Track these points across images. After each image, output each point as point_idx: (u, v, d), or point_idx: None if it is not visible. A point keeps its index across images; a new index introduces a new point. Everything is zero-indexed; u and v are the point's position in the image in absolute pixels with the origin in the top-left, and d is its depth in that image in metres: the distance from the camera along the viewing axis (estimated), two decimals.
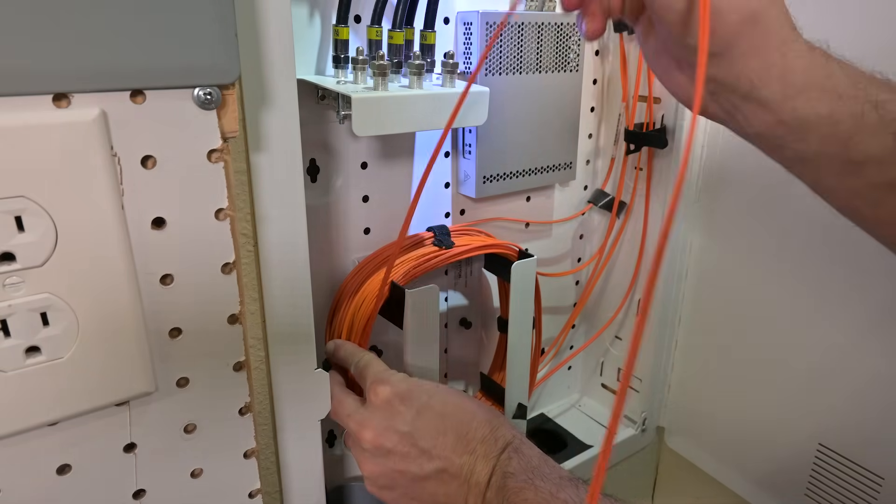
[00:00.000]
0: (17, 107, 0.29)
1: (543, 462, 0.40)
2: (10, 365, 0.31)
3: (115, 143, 0.32)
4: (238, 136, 0.36)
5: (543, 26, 0.60)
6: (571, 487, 0.38)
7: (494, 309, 0.68)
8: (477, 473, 0.40)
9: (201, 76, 0.33)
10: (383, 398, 0.43)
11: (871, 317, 0.56)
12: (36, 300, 0.31)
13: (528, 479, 0.39)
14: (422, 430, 0.42)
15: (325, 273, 0.56)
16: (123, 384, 0.35)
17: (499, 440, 0.41)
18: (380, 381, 0.44)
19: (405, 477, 0.41)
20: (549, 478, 0.39)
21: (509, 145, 0.62)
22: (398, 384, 0.44)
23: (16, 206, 0.29)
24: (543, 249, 0.74)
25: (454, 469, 0.41)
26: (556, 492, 0.38)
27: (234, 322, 0.39)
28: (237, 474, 0.43)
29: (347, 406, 0.45)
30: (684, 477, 0.80)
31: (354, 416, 0.44)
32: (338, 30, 0.48)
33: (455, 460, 0.41)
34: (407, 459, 0.41)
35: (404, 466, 0.41)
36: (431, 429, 0.42)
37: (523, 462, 0.40)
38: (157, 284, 0.35)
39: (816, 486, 0.64)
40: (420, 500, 0.42)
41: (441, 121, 0.50)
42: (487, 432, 0.42)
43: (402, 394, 0.43)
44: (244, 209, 0.37)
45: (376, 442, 0.42)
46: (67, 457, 0.35)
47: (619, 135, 0.71)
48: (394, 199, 0.58)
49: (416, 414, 0.42)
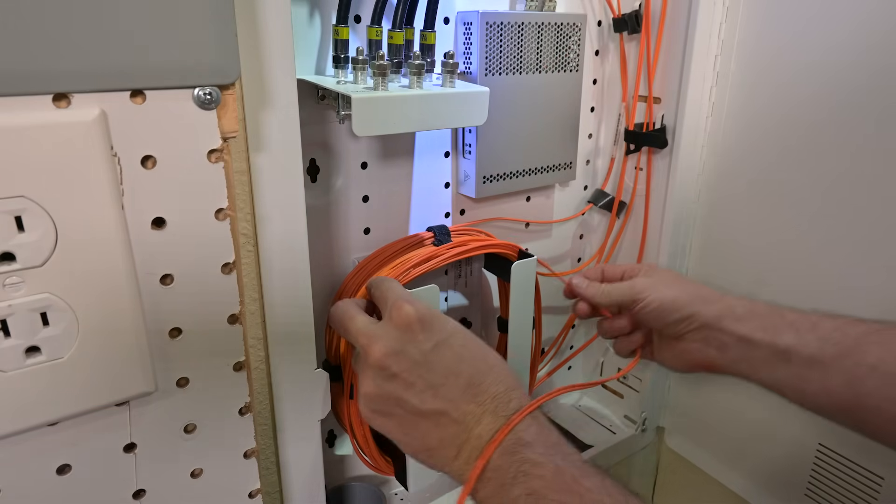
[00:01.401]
0: (17, 107, 0.29)
1: (563, 441, 0.37)
2: (11, 365, 0.31)
3: (115, 143, 0.32)
4: (238, 136, 0.36)
5: (543, 26, 0.60)
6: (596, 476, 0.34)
7: (494, 309, 0.68)
8: (482, 426, 0.37)
9: (201, 76, 0.33)
10: (404, 318, 0.39)
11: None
12: (36, 300, 0.31)
13: (546, 453, 0.35)
14: (435, 363, 0.38)
15: (325, 273, 0.56)
16: (123, 384, 0.35)
17: (512, 401, 0.38)
18: (405, 300, 0.40)
19: (403, 407, 0.38)
20: (570, 458, 0.35)
21: (509, 145, 0.62)
22: (423, 308, 0.40)
23: (16, 206, 0.29)
24: (543, 249, 0.74)
25: (457, 414, 0.37)
26: (580, 477, 0.34)
27: (234, 322, 0.39)
28: (237, 474, 0.43)
29: (359, 322, 0.41)
30: (684, 477, 0.80)
31: (365, 331, 0.40)
32: (338, 30, 0.48)
33: (461, 406, 0.38)
34: (410, 390, 0.38)
35: (405, 396, 0.38)
36: (444, 367, 0.39)
37: (543, 434, 0.36)
38: (157, 284, 0.35)
39: (816, 486, 0.64)
40: (410, 436, 0.39)
41: (441, 121, 0.50)
42: (501, 390, 0.38)
43: (424, 319, 0.39)
44: (244, 209, 0.37)
45: (384, 362, 0.38)
46: (67, 457, 0.35)
47: (619, 135, 0.71)
48: (394, 199, 0.58)
49: (433, 346, 0.39)
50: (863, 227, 0.55)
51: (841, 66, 0.54)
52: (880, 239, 0.54)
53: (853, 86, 0.54)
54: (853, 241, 0.56)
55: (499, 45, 0.57)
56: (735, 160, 0.65)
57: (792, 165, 0.60)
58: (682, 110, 0.63)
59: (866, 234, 0.55)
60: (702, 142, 0.66)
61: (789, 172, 0.60)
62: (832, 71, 0.55)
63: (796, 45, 0.57)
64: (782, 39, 0.58)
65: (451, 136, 0.61)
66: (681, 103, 0.63)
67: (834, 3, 0.54)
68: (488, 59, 0.56)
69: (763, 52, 0.60)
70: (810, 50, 0.56)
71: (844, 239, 0.57)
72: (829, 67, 0.55)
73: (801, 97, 0.58)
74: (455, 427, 0.37)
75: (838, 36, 0.54)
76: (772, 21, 0.59)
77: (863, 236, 0.55)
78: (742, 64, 0.62)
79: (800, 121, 0.58)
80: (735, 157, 0.65)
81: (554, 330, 0.78)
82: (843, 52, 0.54)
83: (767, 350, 0.47)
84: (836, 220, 0.57)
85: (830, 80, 0.55)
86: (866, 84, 0.53)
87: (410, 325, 0.39)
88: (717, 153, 0.66)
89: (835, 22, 0.54)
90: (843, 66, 0.54)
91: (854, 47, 0.53)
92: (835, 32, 0.54)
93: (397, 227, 0.59)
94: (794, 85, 0.58)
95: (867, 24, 0.52)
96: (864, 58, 0.53)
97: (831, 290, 0.58)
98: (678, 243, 0.69)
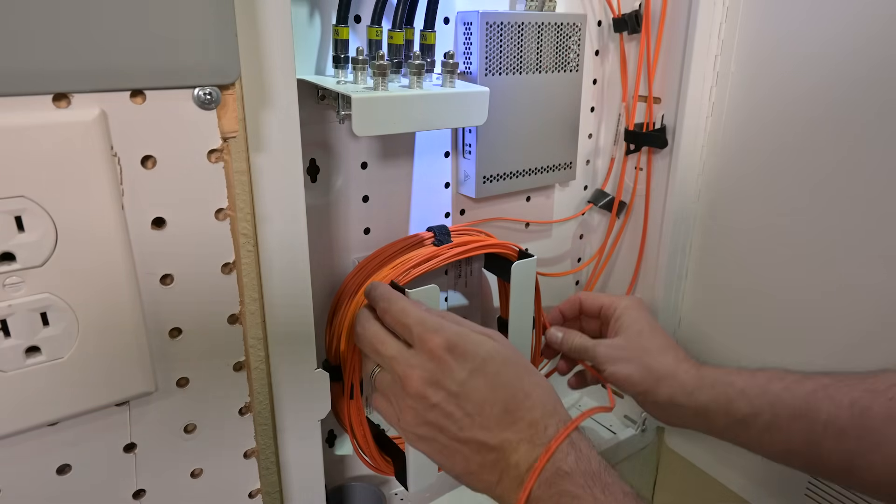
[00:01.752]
0: (17, 107, 0.29)
1: (604, 469, 0.37)
2: (11, 365, 0.31)
3: (115, 143, 0.32)
4: (238, 136, 0.36)
5: (543, 26, 0.60)
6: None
7: (494, 309, 0.68)
8: (519, 454, 0.37)
9: (201, 76, 0.33)
10: (434, 350, 0.39)
11: (872, 327, 0.56)
12: (36, 300, 0.31)
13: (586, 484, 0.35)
14: (471, 393, 0.39)
15: (325, 273, 0.56)
16: (123, 384, 0.35)
17: (549, 428, 0.38)
18: (430, 329, 0.40)
19: (444, 434, 0.39)
20: (611, 490, 0.35)
21: (509, 145, 0.62)
22: (450, 335, 0.40)
23: (16, 206, 0.29)
24: (543, 249, 0.74)
25: (494, 442, 0.38)
26: None
27: (234, 322, 0.39)
28: (237, 474, 0.43)
29: (391, 347, 0.41)
30: (684, 477, 0.80)
31: (400, 359, 0.40)
32: (338, 30, 0.48)
33: (497, 434, 0.38)
34: (449, 419, 0.39)
35: (445, 424, 0.39)
36: (480, 395, 0.39)
37: (582, 462, 0.36)
38: (157, 284, 0.35)
39: (816, 486, 0.64)
40: (452, 460, 0.39)
41: (441, 121, 0.50)
42: (538, 416, 0.38)
43: (455, 348, 0.39)
44: (244, 209, 0.37)
45: (423, 392, 0.39)
46: (67, 457, 0.35)
47: (619, 135, 0.71)
48: (394, 199, 0.58)
49: (468, 375, 0.39)
50: (863, 227, 0.55)
51: (842, 65, 0.54)
52: (881, 239, 0.54)
53: (854, 86, 0.54)
54: (854, 241, 0.56)
55: (499, 45, 0.57)
56: (735, 160, 0.65)
57: (792, 165, 0.60)
58: (682, 110, 0.63)
59: (867, 233, 0.55)
60: (702, 142, 0.66)
61: (789, 172, 0.60)
62: (833, 70, 0.55)
63: (796, 45, 0.57)
64: (782, 40, 0.58)
65: (451, 136, 0.61)
66: (681, 103, 0.63)
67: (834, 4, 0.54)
68: (488, 59, 0.56)
69: (763, 53, 0.60)
70: (810, 50, 0.56)
71: (845, 238, 0.57)
72: (829, 65, 0.55)
73: (801, 96, 0.58)
74: (494, 454, 0.38)
75: (838, 35, 0.54)
76: (772, 21, 0.59)
77: (863, 236, 0.55)
78: (742, 64, 0.62)
79: (800, 120, 0.58)
80: (735, 157, 0.65)
81: None
82: (844, 51, 0.54)
83: (724, 419, 0.50)
84: (837, 219, 0.57)
85: (831, 78, 0.55)
86: (866, 78, 0.53)
87: (441, 357, 0.39)
88: (717, 153, 0.66)
89: (835, 21, 0.54)
90: (843, 65, 0.54)
91: (854, 41, 0.53)
92: (834, 32, 0.54)
93: (397, 227, 0.59)
94: (795, 85, 0.58)
95: (867, 18, 0.52)
96: (865, 50, 0.53)
97: (832, 289, 0.58)
98: (678, 243, 0.69)
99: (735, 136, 0.64)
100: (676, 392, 0.51)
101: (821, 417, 0.45)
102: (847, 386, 0.45)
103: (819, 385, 0.46)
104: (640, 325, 0.55)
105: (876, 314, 0.56)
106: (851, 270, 0.57)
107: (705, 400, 0.50)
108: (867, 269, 0.56)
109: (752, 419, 0.48)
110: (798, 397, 0.46)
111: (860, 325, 0.57)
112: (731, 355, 0.70)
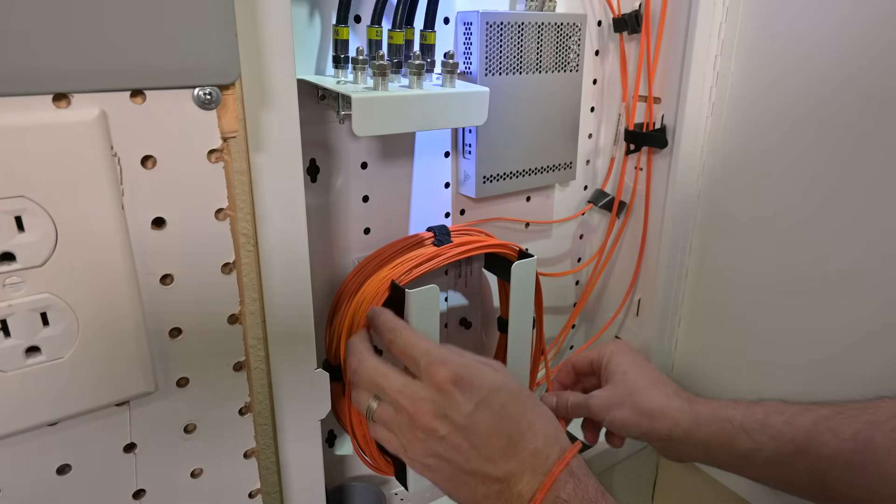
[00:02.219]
0: (17, 107, 0.29)
1: (601, 496, 0.38)
2: (11, 365, 0.31)
3: (115, 143, 0.32)
4: (238, 136, 0.36)
5: (543, 26, 0.60)
6: None
7: (494, 309, 0.68)
8: (522, 484, 0.39)
9: (201, 76, 0.33)
10: (440, 382, 0.40)
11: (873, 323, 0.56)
12: (36, 300, 0.31)
13: None
14: (477, 426, 0.40)
15: (325, 273, 0.56)
16: (123, 384, 0.35)
17: (550, 457, 0.39)
18: (436, 360, 0.41)
19: (452, 465, 0.40)
20: None
21: (509, 145, 0.62)
22: (456, 367, 0.41)
23: (16, 206, 0.29)
24: (543, 249, 0.74)
25: (498, 473, 0.39)
26: None
27: (234, 322, 0.39)
28: (237, 474, 0.43)
29: (395, 380, 0.42)
30: (684, 477, 0.80)
31: (407, 392, 0.41)
32: (338, 30, 0.48)
33: (502, 465, 0.39)
34: (457, 451, 0.40)
35: (452, 455, 0.40)
36: (486, 428, 0.40)
37: (580, 491, 0.38)
38: (157, 284, 0.35)
39: None
40: (458, 490, 0.41)
41: (441, 121, 0.50)
42: (540, 445, 0.40)
43: (461, 381, 0.40)
44: (244, 209, 0.38)
45: (431, 425, 0.40)
46: (67, 457, 0.35)
47: (619, 135, 0.71)
48: (394, 199, 0.58)
49: (474, 408, 0.40)
50: (864, 227, 0.55)
51: (842, 65, 0.54)
52: (881, 238, 0.54)
53: (854, 85, 0.54)
54: (855, 241, 0.56)
55: (499, 45, 0.57)
56: (735, 160, 0.65)
57: (792, 165, 0.60)
58: (682, 110, 0.63)
59: (867, 233, 0.55)
60: (702, 142, 0.66)
61: (790, 172, 0.60)
62: (833, 69, 0.55)
63: (796, 45, 0.57)
64: (782, 40, 0.58)
65: (451, 136, 0.61)
66: (681, 103, 0.63)
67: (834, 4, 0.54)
68: (488, 59, 0.56)
69: (763, 53, 0.60)
70: (810, 50, 0.56)
71: (846, 238, 0.57)
72: (829, 65, 0.55)
73: (801, 96, 0.58)
74: (498, 486, 0.39)
75: (838, 35, 0.54)
76: (772, 21, 0.59)
77: (863, 236, 0.55)
78: (742, 64, 0.62)
79: (801, 120, 0.58)
80: (735, 157, 0.65)
81: (554, 330, 0.78)
82: (844, 51, 0.54)
83: (726, 456, 0.50)
84: (838, 219, 0.57)
85: (831, 78, 0.55)
86: (866, 78, 0.53)
87: (448, 390, 0.40)
88: (717, 153, 0.66)
89: (835, 21, 0.54)
90: (844, 65, 0.54)
91: (855, 41, 0.53)
92: (834, 31, 0.54)
93: (397, 227, 0.59)
94: (795, 85, 0.58)
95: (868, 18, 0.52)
96: (865, 50, 0.53)
97: (832, 289, 0.58)
98: (678, 243, 0.69)
99: (735, 136, 0.64)
100: (672, 429, 0.52)
101: (824, 451, 0.45)
102: (848, 417, 0.45)
103: (819, 417, 0.46)
104: (624, 366, 0.56)
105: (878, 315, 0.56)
106: (853, 268, 0.57)
107: (704, 437, 0.50)
108: (869, 268, 0.56)
109: (754, 454, 0.48)
110: (800, 430, 0.47)
111: (861, 323, 0.57)
112: (731, 355, 0.70)
